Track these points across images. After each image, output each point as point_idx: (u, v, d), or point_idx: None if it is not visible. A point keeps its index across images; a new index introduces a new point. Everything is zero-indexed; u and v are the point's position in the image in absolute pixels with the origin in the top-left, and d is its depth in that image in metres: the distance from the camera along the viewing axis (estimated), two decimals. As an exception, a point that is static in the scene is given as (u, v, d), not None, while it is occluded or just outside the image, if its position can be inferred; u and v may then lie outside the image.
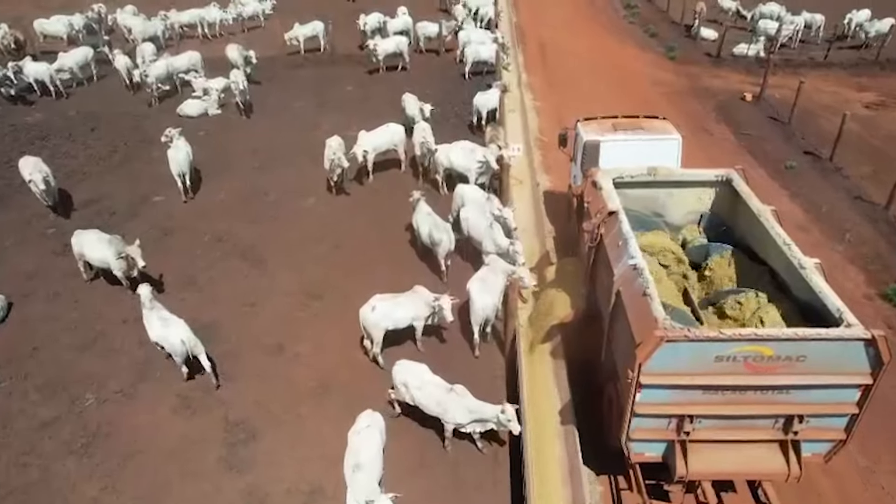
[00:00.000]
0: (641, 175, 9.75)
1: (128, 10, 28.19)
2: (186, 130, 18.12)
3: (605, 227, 8.61)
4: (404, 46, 22.48)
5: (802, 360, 6.29)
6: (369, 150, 15.06)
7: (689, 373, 6.45)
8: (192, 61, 21.44)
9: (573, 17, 30.28)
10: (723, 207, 9.76)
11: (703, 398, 6.66)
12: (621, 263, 7.72)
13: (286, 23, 26.53)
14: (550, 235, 13.38)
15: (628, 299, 7.16)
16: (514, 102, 19.20)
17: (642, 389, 6.54)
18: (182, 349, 9.52)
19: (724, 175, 9.61)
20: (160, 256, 12.66)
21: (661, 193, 9.93)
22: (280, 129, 18.52)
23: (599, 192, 9.20)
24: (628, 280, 7.37)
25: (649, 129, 11.59)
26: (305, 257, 12.77)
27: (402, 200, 13.68)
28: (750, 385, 6.50)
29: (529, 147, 16.62)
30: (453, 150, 14.49)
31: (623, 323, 7.16)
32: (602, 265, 8.59)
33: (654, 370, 6.38)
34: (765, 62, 23.78)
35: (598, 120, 12.10)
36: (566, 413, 8.67)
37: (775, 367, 6.34)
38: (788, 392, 6.54)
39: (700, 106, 20.39)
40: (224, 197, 15.06)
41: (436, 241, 11.69)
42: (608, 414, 8.21)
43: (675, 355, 6.33)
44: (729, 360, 6.34)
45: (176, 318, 9.80)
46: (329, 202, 14.81)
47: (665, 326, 6.35)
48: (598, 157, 11.21)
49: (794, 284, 7.66)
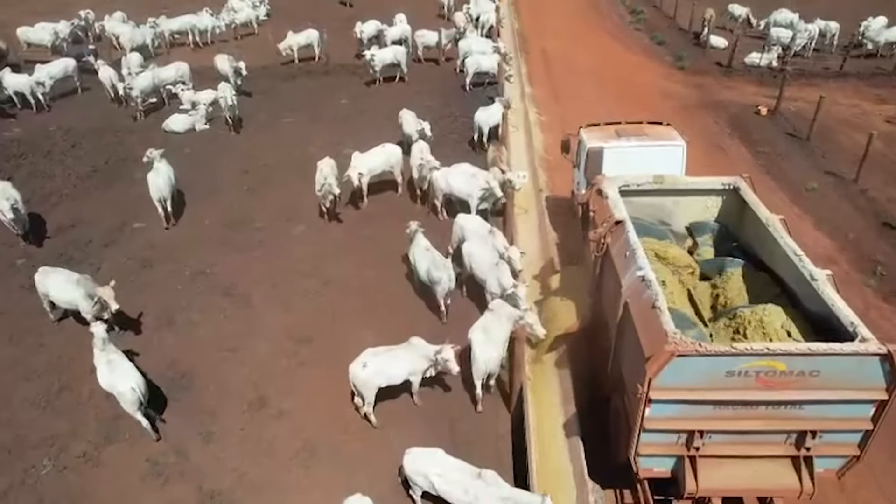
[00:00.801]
0: (647, 183, 9.55)
1: (116, 16, 27.23)
2: (172, 147, 17.27)
3: (611, 236, 8.44)
4: (402, 57, 21.51)
5: (816, 374, 6.18)
6: (364, 173, 14.09)
7: (699, 387, 6.34)
8: (180, 73, 20.50)
9: (577, 23, 29.30)
10: (730, 216, 9.59)
11: (714, 413, 6.53)
12: (629, 274, 7.56)
13: (280, 31, 25.61)
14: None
15: (637, 311, 7.03)
16: (517, 117, 18.27)
17: (651, 404, 6.41)
18: (133, 398, 8.56)
19: (731, 183, 9.44)
20: (137, 292, 11.71)
21: (668, 201, 9.79)
22: (270, 146, 17.55)
23: (605, 201, 9.02)
24: (637, 292, 7.21)
25: (653, 134, 11.43)
26: (293, 294, 11.80)
27: (399, 227, 12.71)
28: (762, 400, 6.38)
29: (534, 168, 15.65)
30: (453, 174, 13.53)
31: (631, 335, 7.03)
32: (609, 275, 8.44)
33: (664, 385, 6.26)
34: (778, 72, 22.92)
35: (601, 126, 11.92)
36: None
37: (788, 382, 6.23)
38: (801, 407, 6.43)
39: (712, 120, 19.42)
40: (209, 223, 14.08)
41: (435, 280, 10.72)
42: (615, 426, 8.04)
43: (686, 370, 6.21)
44: (741, 375, 6.22)
45: (127, 363, 8.88)
46: (320, 229, 13.84)
47: (675, 341, 6.20)
48: (602, 163, 11.07)
49: (805, 296, 7.50)
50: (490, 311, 9.55)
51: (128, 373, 8.73)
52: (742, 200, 9.21)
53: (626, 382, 7.27)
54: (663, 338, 6.27)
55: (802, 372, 6.15)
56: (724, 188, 9.53)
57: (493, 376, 9.40)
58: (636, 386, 6.35)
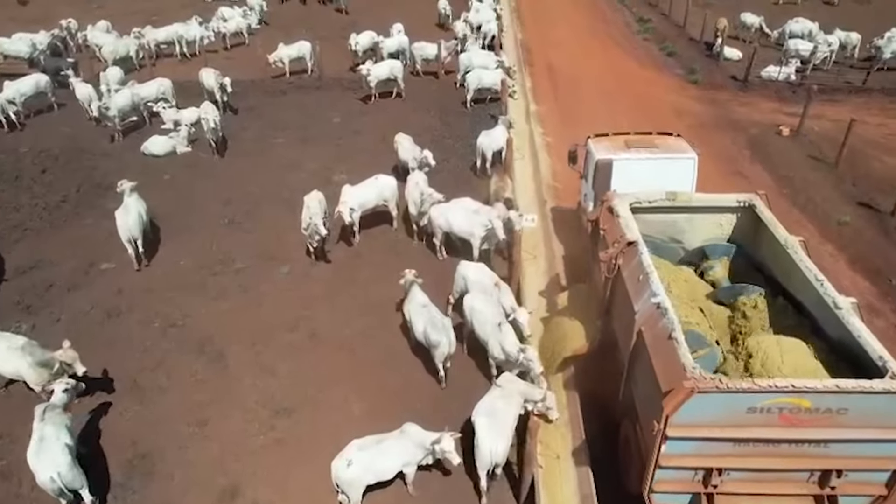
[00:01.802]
0: (660, 200, 9.32)
1: (100, 26, 25.99)
2: (150, 173, 16.08)
3: (623, 257, 8.17)
4: (399, 72, 20.21)
5: (843, 413, 5.95)
6: (355, 209, 12.81)
7: (719, 424, 6.12)
8: (162, 89, 19.21)
9: (583, 32, 27.99)
10: (744, 234, 9.35)
11: (733, 450, 6.30)
12: (643, 300, 7.33)
13: (272, 41, 24.33)
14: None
15: (652, 341, 6.78)
16: (521, 140, 16.98)
17: (668, 441, 6.16)
18: (53, 488, 7.35)
19: (747, 200, 9.22)
20: (99, 350, 10.41)
21: (680, 219, 9.55)
22: (256, 171, 16.27)
23: (616, 220, 8.75)
24: (651, 320, 6.94)
25: (663, 146, 11.14)
26: (274, 352, 10.53)
27: (393, 268, 11.54)
28: (785, 438, 6.16)
29: (542, 201, 14.39)
30: (453, 211, 12.28)
31: (645, 365, 6.79)
32: (620, 298, 8.17)
33: (682, 422, 6.04)
34: (796, 86, 21.66)
35: (609, 136, 11.65)
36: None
37: (814, 420, 6.01)
38: (827, 445, 6.19)
39: (731, 142, 18.14)
40: (185, 264, 12.79)
41: (433, 344, 9.44)
42: (625, 453, 7.79)
43: (705, 406, 5.99)
44: (763, 412, 6.01)
45: (58, 443, 7.57)
46: (307, 271, 12.56)
47: (694, 376, 5.98)
48: (611, 176, 10.80)
49: (826, 323, 7.26)
50: (497, 386, 8.29)
51: (54, 457, 7.42)
52: (757, 218, 8.95)
53: (640, 413, 7.06)
54: (681, 372, 6.04)
55: (829, 409, 5.93)
56: (739, 206, 9.27)
57: (500, 466, 8.12)
58: (652, 422, 6.11)
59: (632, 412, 7.39)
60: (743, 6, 30.84)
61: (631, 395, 7.49)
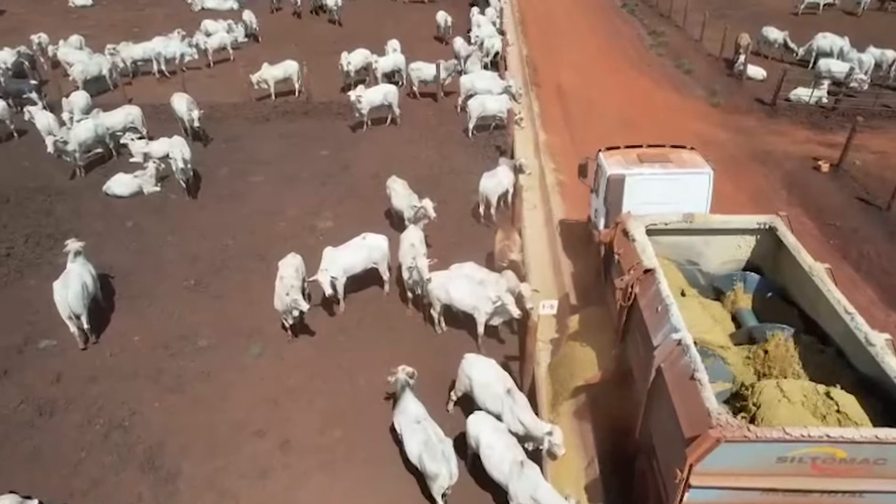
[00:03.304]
0: (676, 222, 9.00)
1: (72, 41, 24.11)
2: (111, 218, 14.29)
3: (639, 285, 7.81)
4: (393, 97, 18.30)
5: (882, 463, 5.63)
6: (338, 277, 10.93)
7: (746, 473, 5.79)
8: (130, 118, 17.34)
9: (593, 48, 26.05)
10: (764, 258, 9.11)
11: (761, 499, 5.95)
12: (661, 334, 6.99)
13: (259, 55, 22.53)
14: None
15: (673, 381, 6.46)
16: (531, 178, 15.04)
17: (691, 489, 5.84)
18: None
19: (767, 222, 8.92)
20: (18, 468, 8.55)
21: (698, 241, 9.28)
22: (230, 217, 14.37)
23: (632, 244, 8.40)
24: (672, 358, 6.62)
25: (677, 160, 10.69)
26: (237, 469, 8.61)
27: (384, 349, 10.09)
28: (817, 489, 5.83)
29: (556, 262, 12.50)
30: (454, 282, 10.42)
31: (666, 405, 6.49)
32: (636, 329, 7.83)
33: (707, 471, 5.72)
34: (830, 111, 19.79)
35: (621, 149, 11.18)
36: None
37: (849, 471, 5.69)
38: (862, 496, 5.86)
39: (763, 179, 16.22)
40: (139, 341, 10.89)
41: (429, 475, 7.55)
42: (640, 488, 7.44)
43: (732, 455, 5.66)
44: (794, 462, 5.68)
45: None
46: (281, 352, 10.65)
47: (720, 423, 5.65)
48: (623, 192, 10.38)
49: (855, 356, 6.99)
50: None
51: None
52: (779, 242, 8.67)
53: (659, 453, 6.77)
54: (705, 418, 5.75)
55: (866, 460, 5.64)
56: (760, 228, 8.97)
57: None
58: (674, 469, 5.84)
59: (649, 449, 7.08)
60: (759, 17, 29.11)
61: (649, 431, 7.16)
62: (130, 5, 34.81)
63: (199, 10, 32.79)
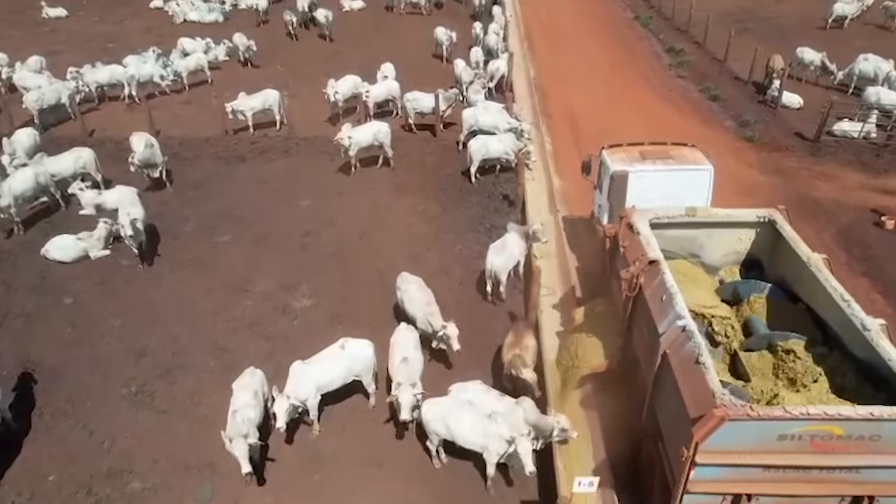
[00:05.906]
0: (679, 216, 9.23)
1: (31, 63, 21.88)
2: (47, 293, 12.30)
3: (644, 276, 8.02)
4: (385, 136, 15.97)
5: (877, 439, 5.85)
6: (309, 398, 8.63)
7: (748, 451, 6.00)
8: (81, 163, 15.01)
9: (605, 67, 23.68)
10: (764, 250, 9.38)
11: (763, 476, 6.14)
12: (666, 321, 7.25)
13: (235, 82, 20.21)
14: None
15: (678, 366, 6.72)
16: (546, 248, 12.69)
17: (697, 467, 5.99)
18: None
19: (767, 216, 9.18)
20: None
21: (700, 234, 9.50)
22: (189, 292, 12.10)
23: (637, 237, 8.67)
24: (677, 344, 6.87)
25: (679, 157, 11.22)
26: None
27: (370, 486, 7.68)
28: (816, 465, 6.05)
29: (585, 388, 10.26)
30: (455, 414, 8.20)
31: (671, 390, 6.73)
32: (642, 318, 8.03)
33: (712, 449, 5.88)
34: (881, 148, 17.46)
35: (624, 147, 11.66)
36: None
37: (846, 447, 5.90)
38: (858, 471, 6.05)
39: (816, 236, 13.78)
40: (53, 481, 8.57)
41: None
42: (647, 472, 7.60)
43: (735, 433, 5.86)
44: (794, 439, 5.90)
45: None
46: (238, 497, 8.35)
47: (724, 403, 5.89)
48: (626, 188, 10.79)
49: (852, 342, 7.26)
50: None
51: None
52: (778, 234, 8.98)
53: (665, 435, 7.01)
54: (710, 399, 6.00)
55: (862, 436, 5.84)
56: (759, 221, 9.25)
57: None
58: (680, 448, 6.00)
59: (655, 433, 7.36)
60: (784, 31, 26.84)
61: (654, 416, 7.42)
62: (108, 16, 32.62)
63: (182, 22, 30.61)
